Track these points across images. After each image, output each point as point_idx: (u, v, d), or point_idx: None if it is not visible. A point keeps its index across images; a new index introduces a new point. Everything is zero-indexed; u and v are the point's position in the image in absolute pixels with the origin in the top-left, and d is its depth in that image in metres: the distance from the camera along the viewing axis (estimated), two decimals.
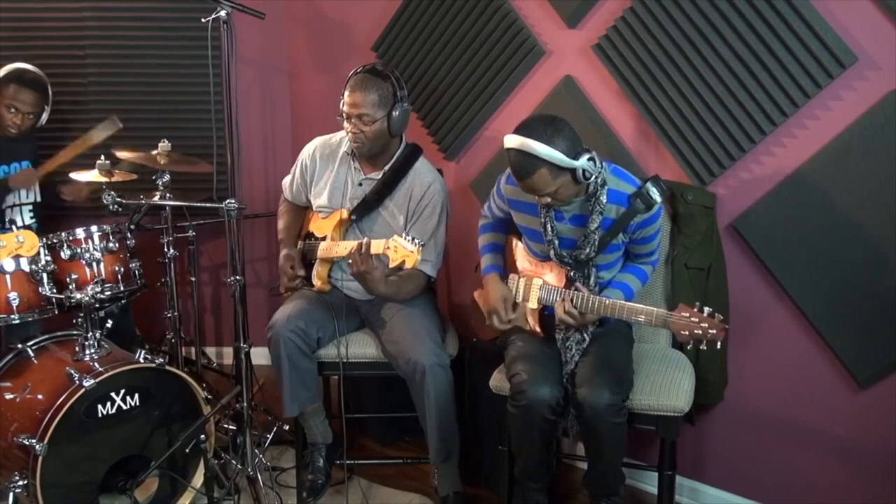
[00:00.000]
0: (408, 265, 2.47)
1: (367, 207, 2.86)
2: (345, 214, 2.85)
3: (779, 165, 2.62)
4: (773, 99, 2.57)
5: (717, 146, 2.70)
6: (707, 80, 2.67)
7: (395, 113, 2.74)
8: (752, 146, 2.65)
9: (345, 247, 2.77)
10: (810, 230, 2.57)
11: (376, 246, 2.59)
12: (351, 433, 2.94)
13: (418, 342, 2.71)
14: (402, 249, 2.48)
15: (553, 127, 2.26)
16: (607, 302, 2.36)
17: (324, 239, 2.90)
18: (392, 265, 2.51)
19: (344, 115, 2.76)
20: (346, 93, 2.73)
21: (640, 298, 2.64)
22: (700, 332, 2.20)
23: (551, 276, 2.52)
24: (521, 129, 2.28)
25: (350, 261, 2.64)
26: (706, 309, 2.21)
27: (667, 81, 2.75)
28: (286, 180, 3.10)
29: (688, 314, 2.22)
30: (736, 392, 2.80)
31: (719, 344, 2.20)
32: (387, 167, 2.85)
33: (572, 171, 2.27)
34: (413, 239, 2.46)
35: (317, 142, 3.00)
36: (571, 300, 2.39)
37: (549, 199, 2.34)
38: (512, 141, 2.27)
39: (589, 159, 2.28)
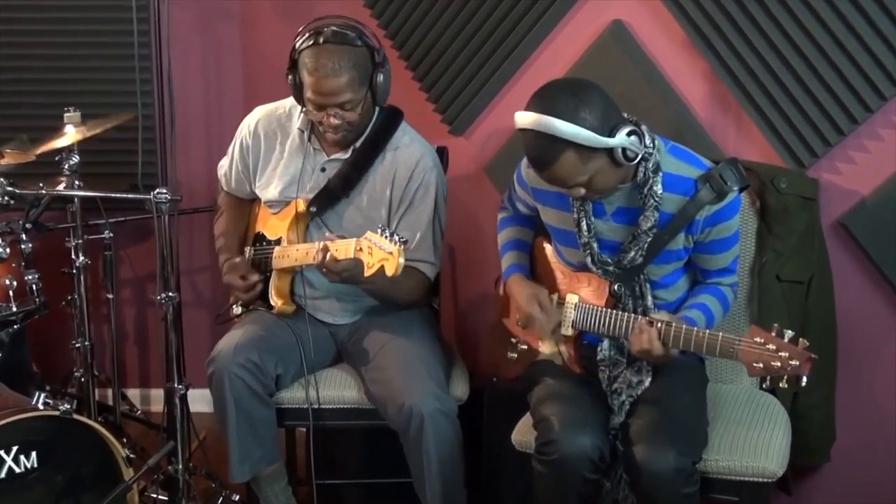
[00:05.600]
0: (388, 272, 2.44)
1: (331, 197, 2.85)
2: (301, 206, 2.85)
3: None
4: None
5: (822, 117, 2.69)
6: (808, 29, 2.66)
7: (380, 78, 2.74)
8: (868, 117, 2.65)
9: (305, 251, 2.77)
10: None
11: (343, 250, 2.58)
12: None
13: (414, 382, 2.70)
14: (379, 251, 2.46)
15: (577, 96, 2.25)
16: (699, 333, 2.30)
17: (278, 242, 2.90)
18: (368, 273, 2.50)
19: (312, 104, 2.74)
20: (310, 78, 2.69)
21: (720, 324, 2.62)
22: (778, 363, 2.17)
23: (589, 291, 2.52)
24: (536, 103, 2.28)
25: (324, 270, 2.64)
26: (787, 333, 2.18)
27: (753, 30, 2.74)
28: (222, 165, 3.09)
29: (762, 339, 2.20)
30: (846, 449, 2.80)
31: (804, 380, 2.17)
32: (357, 144, 2.84)
33: (609, 154, 2.27)
34: (392, 235, 2.45)
35: (258, 113, 2.99)
36: (659, 330, 2.34)
37: (583, 191, 2.33)
38: (524, 119, 2.27)
39: (630, 133, 2.27)
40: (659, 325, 2.35)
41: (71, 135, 3.14)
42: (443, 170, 2.92)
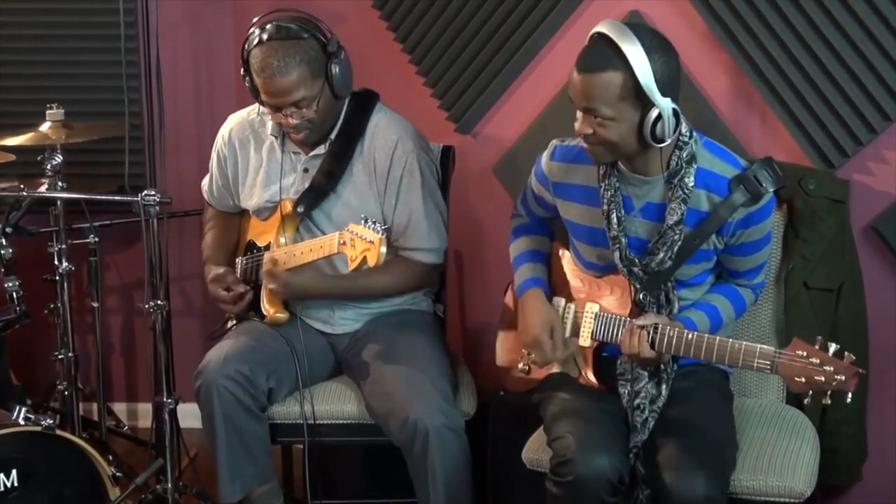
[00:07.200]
0: (369, 262, 2.47)
1: (317, 193, 2.87)
2: (287, 208, 2.86)
3: None
4: None
5: (852, 114, 2.69)
6: (838, 20, 2.66)
7: (336, 70, 2.74)
8: None
9: (291, 252, 2.80)
10: None
11: (326, 246, 2.61)
12: None
13: (418, 396, 2.70)
14: (361, 242, 2.48)
15: (663, 47, 2.32)
16: (690, 335, 2.34)
17: (268, 248, 2.92)
18: (351, 267, 2.53)
19: (268, 106, 2.76)
20: (259, 80, 2.72)
21: (739, 334, 2.61)
22: (822, 378, 2.18)
23: (611, 300, 2.51)
24: (626, 25, 2.31)
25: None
26: (831, 346, 2.20)
27: (778, 20, 2.74)
28: (205, 182, 3.12)
29: (804, 353, 2.21)
30: (879, 468, 2.80)
31: (850, 396, 2.18)
32: (332, 135, 2.85)
33: (643, 112, 2.29)
34: (374, 224, 2.48)
35: (231, 122, 3.01)
36: (647, 333, 2.37)
37: (589, 129, 2.34)
38: (604, 23, 2.32)
39: (675, 113, 2.31)
40: (648, 329, 2.37)
41: (44, 133, 3.14)
42: (427, 145, 2.92)
